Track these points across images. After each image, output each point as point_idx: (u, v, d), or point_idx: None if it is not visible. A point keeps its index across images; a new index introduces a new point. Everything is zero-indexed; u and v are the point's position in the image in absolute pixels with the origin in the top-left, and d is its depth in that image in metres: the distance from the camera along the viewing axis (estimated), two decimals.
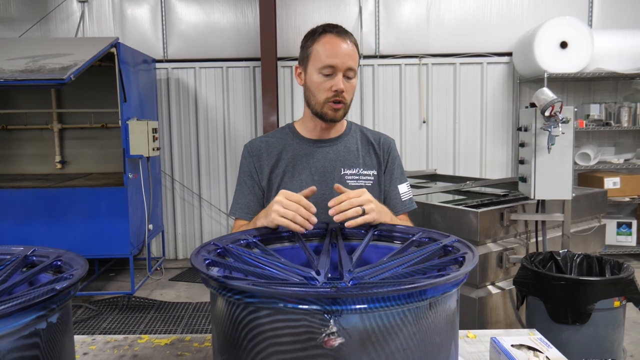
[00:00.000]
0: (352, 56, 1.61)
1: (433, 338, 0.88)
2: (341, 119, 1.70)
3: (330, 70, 1.60)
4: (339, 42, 1.60)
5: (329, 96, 1.61)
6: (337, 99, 1.61)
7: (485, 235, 3.00)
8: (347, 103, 1.66)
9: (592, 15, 5.85)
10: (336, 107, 1.63)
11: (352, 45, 1.63)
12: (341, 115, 1.66)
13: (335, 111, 1.64)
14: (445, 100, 5.98)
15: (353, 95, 1.68)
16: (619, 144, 5.97)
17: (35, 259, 1.11)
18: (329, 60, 1.59)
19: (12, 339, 0.76)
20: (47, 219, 4.62)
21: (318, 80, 1.62)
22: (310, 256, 1.19)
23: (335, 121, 1.68)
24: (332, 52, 1.59)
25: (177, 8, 5.94)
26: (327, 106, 1.63)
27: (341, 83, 1.59)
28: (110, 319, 4.37)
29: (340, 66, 1.59)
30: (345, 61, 1.59)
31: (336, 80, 1.60)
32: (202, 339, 1.44)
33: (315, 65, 1.62)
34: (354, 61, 1.62)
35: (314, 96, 1.65)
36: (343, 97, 1.62)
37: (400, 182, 1.76)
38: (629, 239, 5.55)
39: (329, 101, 1.62)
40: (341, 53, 1.59)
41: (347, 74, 1.61)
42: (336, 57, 1.59)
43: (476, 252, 1.05)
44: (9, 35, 5.81)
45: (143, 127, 4.74)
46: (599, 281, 2.40)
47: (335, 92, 1.60)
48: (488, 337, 1.33)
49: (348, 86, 1.62)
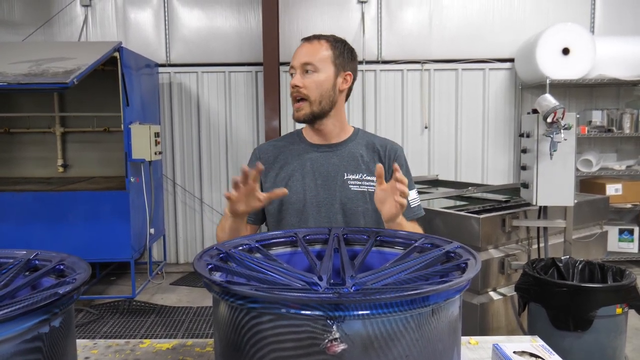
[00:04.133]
0: (311, 52, 1.65)
1: (435, 344, 0.87)
2: (306, 118, 1.68)
3: (292, 70, 1.68)
4: (303, 45, 1.68)
5: (290, 94, 1.69)
6: (294, 94, 1.66)
7: (487, 241, 3.00)
8: (312, 99, 1.65)
9: (594, 22, 5.86)
10: (297, 105, 1.67)
11: (318, 43, 1.67)
12: (305, 113, 1.67)
13: (298, 110, 1.68)
14: (447, 105, 5.98)
15: (322, 92, 1.66)
16: (620, 150, 5.96)
17: (38, 262, 1.11)
18: (291, 62, 1.68)
19: (15, 343, 0.76)
20: (48, 222, 4.61)
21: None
22: (312, 261, 1.19)
23: (300, 121, 1.70)
24: (294, 55, 1.68)
25: (180, 13, 5.96)
26: (294, 106, 1.69)
27: (295, 79, 1.65)
28: (111, 323, 4.36)
29: (295, 65, 1.66)
30: (300, 58, 1.65)
31: (293, 78, 1.66)
32: (203, 344, 1.43)
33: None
34: (313, 56, 1.64)
35: None
36: (301, 93, 1.65)
37: (409, 189, 1.76)
38: (631, 245, 5.53)
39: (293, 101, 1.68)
40: (301, 53, 1.66)
41: (305, 68, 1.64)
42: (294, 59, 1.67)
43: (479, 258, 1.04)
44: (13, 39, 5.83)
45: (145, 131, 4.75)
46: (600, 288, 2.40)
47: (292, 88, 1.66)
48: (490, 344, 1.33)
49: (307, 81, 1.64)
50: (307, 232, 1.36)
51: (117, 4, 5.93)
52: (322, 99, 1.66)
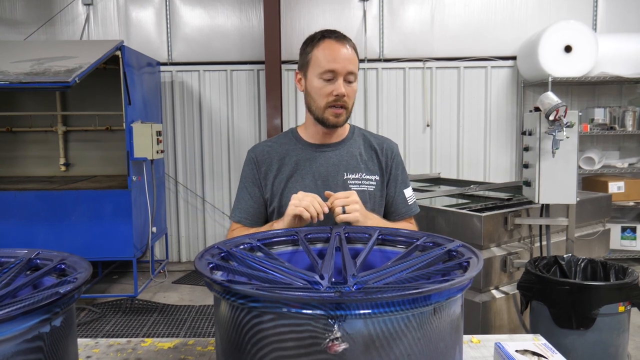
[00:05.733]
0: (352, 60, 1.62)
1: (437, 343, 0.87)
2: (343, 124, 1.69)
3: (330, 75, 1.60)
4: (338, 47, 1.61)
5: (329, 101, 1.62)
6: (339, 103, 1.62)
7: (489, 240, 2.99)
8: (349, 107, 1.65)
9: (596, 19, 5.84)
10: (337, 112, 1.63)
11: (351, 49, 1.63)
12: (343, 120, 1.66)
13: (337, 116, 1.64)
14: (449, 103, 5.97)
15: (354, 100, 1.68)
16: (623, 148, 5.95)
17: (39, 262, 1.11)
18: (330, 65, 1.59)
19: (16, 342, 0.76)
20: (50, 221, 4.63)
21: (319, 86, 1.62)
22: (314, 260, 1.18)
23: (337, 126, 1.68)
24: (332, 57, 1.60)
25: (182, 11, 5.95)
26: (329, 111, 1.63)
27: (342, 87, 1.60)
28: (113, 321, 4.37)
29: (340, 70, 1.59)
30: (345, 65, 1.60)
31: (337, 84, 1.60)
32: (205, 343, 1.43)
33: (315, 71, 1.62)
34: (354, 65, 1.62)
35: (315, 102, 1.65)
36: (344, 102, 1.62)
37: (405, 187, 1.77)
38: (634, 243, 5.52)
39: (330, 106, 1.62)
40: (341, 58, 1.60)
41: (347, 78, 1.61)
42: (336, 62, 1.59)
43: (481, 257, 1.04)
44: (15, 38, 5.84)
45: (147, 129, 4.75)
46: (603, 286, 2.39)
47: (337, 96, 1.60)
48: (492, 342, 1.32)
49: (349, 90, 1.62)
50: (309, 231, 1.36)
51: (119, 3, 5.93)
52: (352, 106, 1.69)
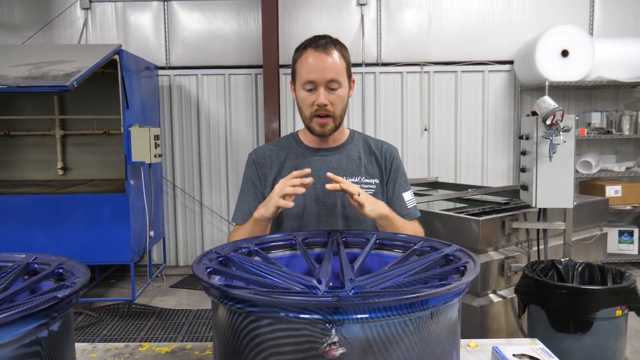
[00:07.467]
0: (333, 67, 1.59)
1: (434, 348, 0.87)
2: (331, 133, 1.68)
3: (311, 85, 1.60)
4: (317, 56, 1.59)
5: (312, 111, 1.62)
6: (322, 112, 1.61)
7: (486, 244, 3.00)
8: (337, 115, 1.64)
9: (593, 24, 5.87)
10: (322, 122, 1.63)
11: (335, 56, 1.60)
12: (330, 129, 1.66)
13: (322, 126, 1.64)
14: (446, 108, 5.98)
15: (344, 106, 1.66)
16: (620, 152, 5.97)
17: (37, 266, 1.11)
18: (308, 75, 1.59)
19: (14, 347, 0.76)
20: (48, 225, 4.61)
21: (302, 96, 1.63)
22: (311, 264, 1.19)
23: (324, 136, 1.68)
24: (310, 67, 1.59)
25: (180, 15, 5.96)
26: (314, 121, 1.64)
27: (322, 97, 1.59)
28: (111, 326, 4.36)
29: (319, 80, 1.58)
30: (324, 74, 1.58)
31: (317, 94, 1.60)
32: (202, 347, 1.43)
33: (299, 82, 1.64)
34: (336, 72, 1.60)
35: (302, 112, 1.67)
36: (328, 111, 1.61)
37: (404, 190, 1.76)
38: (631, 247, 5.53)
39: (314, 116, 1.62)
40: (319, 67, 1.58)
41: (330, 85, 1.60)
42: (314, 72, 1.59)
43: (478, 261, 1.04)
44: (13, 41, 5.83)
45: (145, 133, 4.75)
46: (600, 290, 2.40)
47: (319, 106, 1.60)
48: (490, 347, 1.33)
49: (333, 97, 1.61)
50: (306, 235, 1.36)
51: (117, 7, 5.93)
52: (342, 112, 1.67)
